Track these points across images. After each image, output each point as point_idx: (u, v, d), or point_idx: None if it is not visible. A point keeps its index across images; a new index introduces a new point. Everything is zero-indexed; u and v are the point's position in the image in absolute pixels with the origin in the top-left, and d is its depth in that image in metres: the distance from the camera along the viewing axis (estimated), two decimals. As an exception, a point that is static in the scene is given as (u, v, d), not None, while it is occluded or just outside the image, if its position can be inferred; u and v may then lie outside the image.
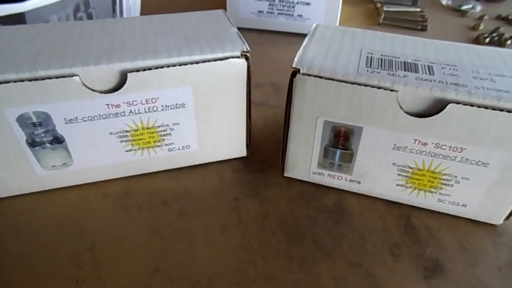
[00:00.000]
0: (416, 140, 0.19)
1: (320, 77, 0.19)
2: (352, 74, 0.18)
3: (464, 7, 0.50)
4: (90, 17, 0.37)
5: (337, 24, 0.41)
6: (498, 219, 0.20)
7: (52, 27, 0.22)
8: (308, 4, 0.40)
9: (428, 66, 0.19)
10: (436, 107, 0.18)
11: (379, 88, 0.18)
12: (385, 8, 0.49)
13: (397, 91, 0.18)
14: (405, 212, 0.22)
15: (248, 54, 0.20)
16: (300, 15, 0.41)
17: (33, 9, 0.31)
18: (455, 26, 0.46)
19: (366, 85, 0.18)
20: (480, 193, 0.20)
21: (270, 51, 0.40)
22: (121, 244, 0.19)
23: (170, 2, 0.51)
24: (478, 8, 0.50)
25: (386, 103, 0.18)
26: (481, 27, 0.45)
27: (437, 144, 0.19)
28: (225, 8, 0.43)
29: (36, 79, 0.18)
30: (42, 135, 0.19)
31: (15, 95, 0.18)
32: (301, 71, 0.19)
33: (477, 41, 0.42)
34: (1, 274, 0.18)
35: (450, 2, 0.52)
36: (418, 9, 0.50)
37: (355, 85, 0.18)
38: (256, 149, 0.26)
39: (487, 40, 0.42)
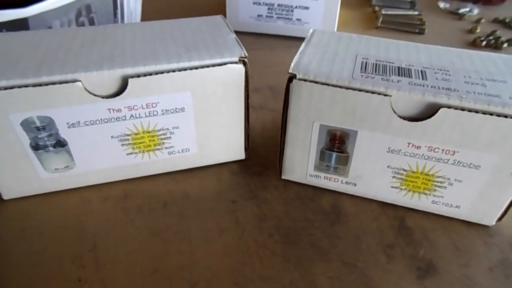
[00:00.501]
0: (409, 143, 0.19)
1: (316, 82, 0.19)
2: (347, 79, 0.19)
3: (461, 11, 0.51)
4: (91, 22, 0.38)
5: (335, 28, 0.42)
6: (490, 220, 0.21)
7: (54, 33, 0.22)
8: (306, 8, 0.41)
9: (421, 71, 0.20)
10: (429, 111, 0.18)
11: (373, 93, 0.18)
12: (383, 12, 0.49)
13: (391, 95, 0.18)
14: (400, 213, 0.22)
15: (246, 60, 0.21)
16: (298, 19, 0.42)
17: (36, 14, 0.32)
18: (453, 29, 0.47)
19: (360, 90, 0.19)
20: (472, 195, 0.20)
21: (269, 55, 0.40)
22: (122, 246, 0.20)
23: (171, 6, 0.51)
24: (476, 11, 0.51)
25: (380, 108, 0.19)
26: (478, 30, 0.45)
27: (430, 147, 0.19)
28: (224, 13, 0.43)
29: (39, 85, 0.18)
30: (46, 139, 0.20)
31: (19, 101, 0.18)
32: (297, 77, 0.19)
33: (474, 44, 0.43)
34: (6, 274, 0.18)
35: (447, 6, 0.53)
36: (416, 13, 0.51)
37: (350, 90, 0.19)
38: (254, 152, 0.26)
39: (484, 43, 0.42)
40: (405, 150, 0.20)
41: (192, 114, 0.22)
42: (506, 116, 0.17)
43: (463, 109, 0.18)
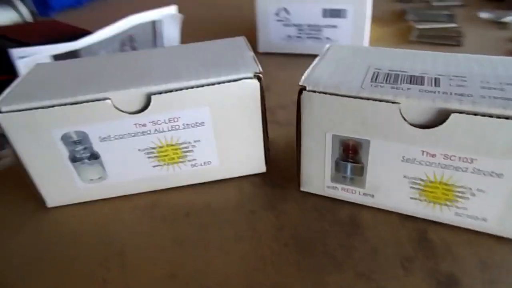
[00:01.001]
0: (424, 151, 0.19)
1: (325, 93, 0.20)
2: (356, 89, 0.19)
3: (504, 19, 0.48)
4: (134, 50, 0.41)
5: (367, 45, 0.42)
6: (522, 234, 0.19)
7: (95, 59, 0.25)
8: (334, 26, 0.42)
9: (435, 79, 0.19)
10: (440, 118, 0.18)
11: (381, 101, 0.19)
12: (417, 26, 0.49)
13: (399, 103, 0.18)
14: (422, 226, 0.21)
15: (260, 75, 0.22)
16: (328, 38, 0.43)
17: (85, 46, 0.36)
18: (493, 39, 0.45)
19: (369, 99, 0.19)
20: (498, 206, 0.19)
21: (297, 73, 0.41)
22: (145, 251, 0.21)
23: (207, 32, 0.55)
24: (521, 19, 0.48)
25: (389, 116, 0.19)
26: (522, 39, 0.43)
27: (446, 155, 0.19)
28: (255, 35, 0.45)
29: (76, 103, 0.21)
30: (81, 151, 0.22)
31: (59, 117, 0.21)
32: (307, 88, 0.20)
33: (517, 53, 0.40)
34: (40, 272, 0.21)
35: (489, 16, 0.50)
36: (454, 25, 0.49)
37: (358, 99, 0.19)
38: (277, 166, 0.27)
39: (529, 51, 0.40)
40: (420, 159, 0.19)
41: (212, 128, 0.23)
42: (524, 120, 0.16)
43: (476, 114, 0.17)
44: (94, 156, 0.23)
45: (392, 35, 0.49)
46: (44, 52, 0.33)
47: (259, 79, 0.22)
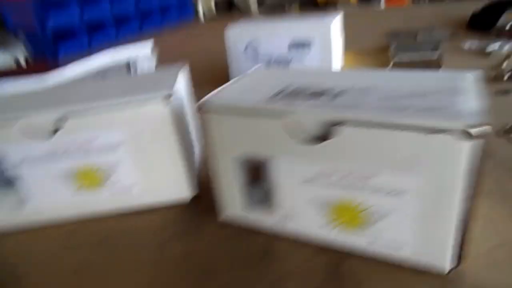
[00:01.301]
0: (321, 171, 0.17)
1: (219, 113, 0.19)
2: (249, 107, 0.18)
3: (488, 49, 0.46)
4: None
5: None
6: (443, 265, 0.17)
7: (48, 90, 0.26)
8: (302, 58, 0.42)
9: (337, 93, 0.18)
10: (331, 132, 0.16)
11: (270, 117, 0.17)
12: (396, 57, 0.48)
13: (289, 119, 0.17)
14: (336, 257, 0.19)
15: (171, 97, 0.22)
16: (297, 70, 0.43)
17: (56, 83, 0.38)
18: (475, 67, 0.43)
19: (260, 116, 0.18)
20: (410, 230, 0.17)
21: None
22: (46, 283, 0.20)
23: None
24: (506, 47, 0.46)
25: (280, 133, 0.17)
26: (503, 66, 0.41)
27: (345, 174, 0.17)
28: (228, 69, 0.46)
29: (-13, 126, 0.21)
30: (-3, 175, 0.22)
31: (-28, 141, 0.21)
32: (202, 109, 0.19)
33: (496, 79, 0.38)
34: None
35: (475, 46, 0.49)
36: (436, 55, 0.48)
37: (249, 117, 0.18)
38: (208, 193, 0.26)
39: (506, 77, 0.38)
40: (320, 179, 0.18)
41: (129, 153, 0.23)
42: (418, 130, 0.15)
43: (365, 126, 0.16)
44: (10, 181, 0.23)
45: (369, 66, 0.48)
46: (12, 89, 0.35)
47: (171, 102, 0.22)
